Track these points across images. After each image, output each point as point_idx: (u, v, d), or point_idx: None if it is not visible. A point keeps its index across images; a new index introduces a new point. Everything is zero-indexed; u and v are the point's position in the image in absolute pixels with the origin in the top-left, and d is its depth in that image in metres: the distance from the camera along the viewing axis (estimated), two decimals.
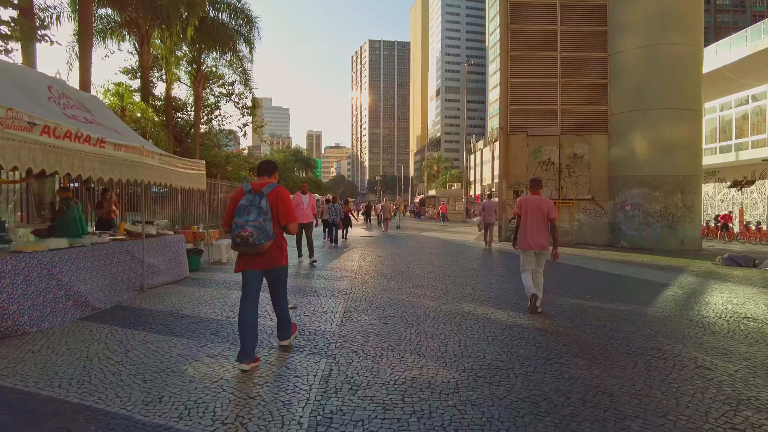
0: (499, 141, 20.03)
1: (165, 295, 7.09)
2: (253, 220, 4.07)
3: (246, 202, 4.17)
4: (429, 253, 13.78)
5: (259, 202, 4.16)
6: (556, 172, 19.64)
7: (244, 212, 4.11)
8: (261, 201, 4.17)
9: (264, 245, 4.14)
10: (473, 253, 14.58)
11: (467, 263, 11.61)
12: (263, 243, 4.12)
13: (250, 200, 4.18)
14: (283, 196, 4.36)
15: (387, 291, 7.58)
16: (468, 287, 8.09)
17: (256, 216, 4.09)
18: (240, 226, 4.07)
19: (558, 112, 19.76)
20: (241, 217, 4.10)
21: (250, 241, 4.06)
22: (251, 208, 4.12)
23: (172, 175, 8.38)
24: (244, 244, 4.09)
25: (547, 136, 19.68)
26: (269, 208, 4.19)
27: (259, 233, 4.07)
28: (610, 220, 19.26)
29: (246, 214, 4.10)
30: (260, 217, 4.09)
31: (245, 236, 4.04)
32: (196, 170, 9.78)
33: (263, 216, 4.11)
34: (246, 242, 4.07)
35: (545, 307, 6.57)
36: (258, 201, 4.16)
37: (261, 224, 4.09)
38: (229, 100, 27.69)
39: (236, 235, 4.09)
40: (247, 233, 4.04)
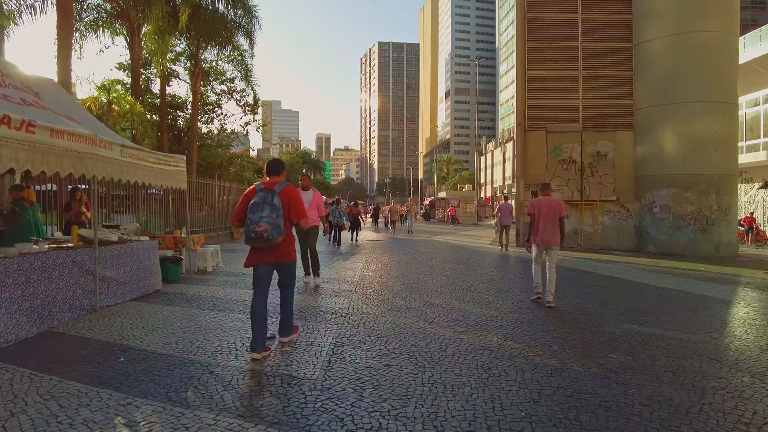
0: (515, 138, 18.61)
1: (118, 317, 5.77)
2: (266, 216, 4.28)
3: (259, 199, 4.39)
4: (441, 261, 12.37)
5: (271, 199, 4.37)
6: (577, 172, 18.18)
7: (257, 209, 4.33)
8: (273, 198, 4.38)
9: (276, 240, 4.34)
10: (490, 260, 13.17)
11: (486, 273, 10.20)
12: (276, 238, 4.32)
13: (263, 198, 4.39)
14: (293, 194, 4.56)
15: (392, 312, 6.22)
16: (492, 307, 6.66)
17: (269, 213, 4.31)
18: (254, 222, 4.28)
19: (579, 107, 18.31)
20: (255, 213, 4.31)
21: (265, 236, 4.27)
22: (264, 206, 4.33)
23: (138, 171, 7.08)
24: (258, 239, 4.31)
25: (568, 132, 18.23)
26: (281, 205, 4.39)
27: (273, 229, 4.29)
28: (637, 224, 17.76)
29: (260, 210, 4.32)
30: (273, 214, 4.31)
31: (260, 232, 4.26)
32: (174, 166, 8.48)
33: (276, 213, 4.33)
34: (260, 237, 4.28)
35: (596, 328, 5.20)
36: (270, 198, 4.37)
37: (274, 221, 4.30)
38: (230, 98, 26.47)
39: (251, 231, 4.30)
40: (262, 229, 4.26)
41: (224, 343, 4.66)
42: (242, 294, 7.37)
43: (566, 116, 18.37)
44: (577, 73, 18.28)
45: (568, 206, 18.00)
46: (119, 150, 6.53)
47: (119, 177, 6.52)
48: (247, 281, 8.70)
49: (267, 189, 4.49)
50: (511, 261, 13.00)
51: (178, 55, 24.29)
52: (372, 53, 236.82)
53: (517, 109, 18.61)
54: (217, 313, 6.02)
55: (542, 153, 18.27)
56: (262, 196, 4.43)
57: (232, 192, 22.98)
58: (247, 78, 22.81)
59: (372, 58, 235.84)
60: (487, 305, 6.75)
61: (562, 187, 18.15)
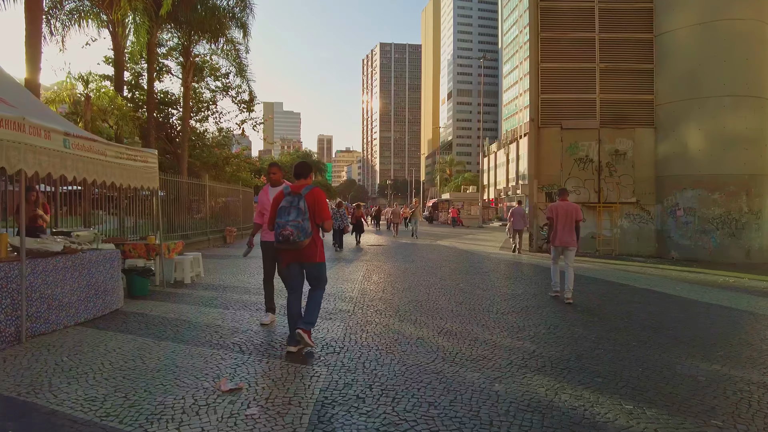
0: (529, 135, 17.34)
1: (44, 352, 4.43)
2: (293, 219, 4.43)
3: (286, 203, 4.54)
4: (452, 271, 11.05)
5: (297, 203, 4.50)
6: (594, 171, 16.90)
7: (285, 213, 4.49)
8: (300, 202, 4.50)
9: (303, 242, 4.45)
10: (506, 269, 11.88)
11: (505, 287, 8.89)
12: (302, 240, 4.44)
13: (290, 201, 4.53)
14: (318, 197, 4.66)
15: (400, 345, 4.88)
16: (525, 335, 5.31)
17: (295, 216, 4.44)
18: (282, 225, 4.43)
19: (596, 102, 17.04)
20: (283, 217, 4.47)
21: (291, 239, 4.40)
22: (291, 209, 4.48)
23: (90, 166, 5.81)
24: (285, 242, 4.44)
25: (584, 129, 16.95)
26: (306, 208, 4.49)
27: (299, 232, 4.40)
28: (658, 227, 16.48)
29: (287, 214, 4.47)
30: (299, 217, 4.44)
31: (286, 235, 4.39)
32: (142, 162, 7.20)
33: (302, 216, 4.45)
34: (287, 240, 4.41)
35: (667, 370, 3.93)
36: (297, 202, 4.50)
37: (300, 224, 4.42)
38: (225, 94, 25.17)
39: (279, 234, 4.45)
40: (288, 232, 4.38)
41: (169, 399, 3.37)
42: (216, 316, 6.09)
43: (582, 112, 17.10)
44: (594, 65, 17.01)
45: (585, 209, 16.73)
46: (61, 139, 5.26)
47: (61, 173, 5.25)
48: (226, 297, 7.43)
49: (294, 192, 4.61)
50: (528, 270, 11.71)
51: (171, 50, 23.06)
52: (374, 54, 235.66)
53: (531, 104, 17.34)
54: (176, 346, 4.74)
55: (557, 151, 16.99)
56: (289, 199, 4.56)
57: (228, 193, 21.72)
58: (241, 73, 21.60)
59: (374, 59, 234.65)
60: (518, 333, 5.43)
61: (578, 188, 16.87)
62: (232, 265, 11.59)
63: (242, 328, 5.48)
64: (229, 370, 4.02)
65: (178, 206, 16.81)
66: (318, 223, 4.67)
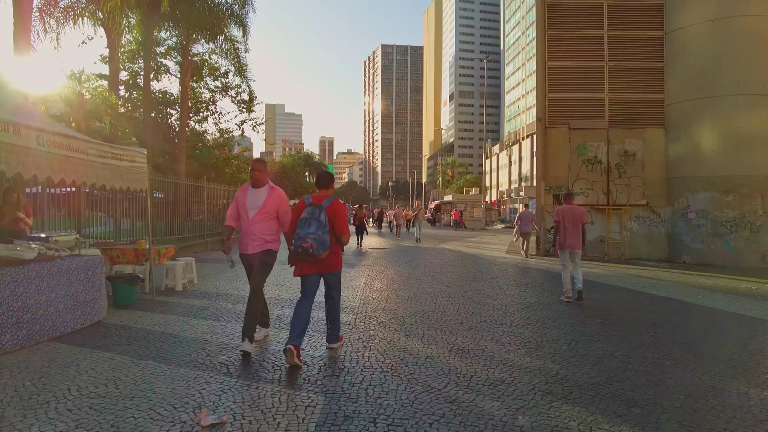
0: (536, 136, 16.85)
1: (5, 374, 3.96)
2: (313, 232, 4.40)
3: (307, 214, 4.51)
4: (458, 277, 10.53)
5: (318, 215, 4.49)
6: (603, 173, 16.38)
7: (305, 224, 4.46)
8: (320, 214, 4.49)
9: (322, 255, 4.45)
10: (514, 275, 11.37)
11: (516, 295, 8.36)
12: (321, 254, 4.44)
13: (311, 213, 4.51)
14: (339, 211, 4.67)
15: (405, 365, 4.36)
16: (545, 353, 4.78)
17: (315, 229, 4.42)
18: (302, 237, 4.41)
19: (605, 102, 16.53)
20: (303, 229, 4.44)
21: (311, 252, 4.39)
22: (312, 221, 4.46)
23: (69, 165, 5.33)
24: (304, 254, 4.44)
25: (593, 129, 16.45)
26: (327, 221, 4.49)
27: (318, 245, 4.40)
28: (669, 230, 15.96)
29: (307, 226, 4.44)
30: (319, 230, 4.42)
31: (306, 248, 4.39)
32: (129, 161, 6.72)
33: (322, 229, 4.44)
34: (306, 253, 4.41)
35: (722, 400, 3.43)
36: (318, 214, 4.49)
37: (320, 237, 4.41)
38: (225, 94, 24.72)
39: (298, 246, 4.42)
40: (308, 245, 4.37)
41: None
42: (205, 329, 5.59)
43: (591, 112, 16.60)
44: (603, 64, 16.52)
45: (594, 211, 16.27)
46: (34, 136, 4.77)
47: (33, 173, 4.76)
48: (218, 307, 6.93)
49: (315, 204, 4.58)
50: (538, 275, 11.19)
51: (170, 49, 22.64)
52: (375, 56, 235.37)
53: (537, 104, 16.84)
54: (157, 366, 4.23)
55: (565, 152, 16.49)
56: (310, 211, 4.53)
57: (227, 195, 21.23)
58: (241, 73, 21.11)
59: (375, 61, 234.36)
60: (537, 350, 4.92)
61: (586, 190, 16.36)
62: (228, 270, 11.10)
63: (232, 344, 4.98)
64: (212, 398, 3.52)
65: (175, 208, 16.33)
66: (337, 236, 4.70)
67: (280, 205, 5.00)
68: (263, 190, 4.99)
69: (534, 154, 78.12)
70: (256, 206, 4.92)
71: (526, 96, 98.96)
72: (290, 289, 8.44)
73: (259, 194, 4.97)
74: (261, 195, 4.97)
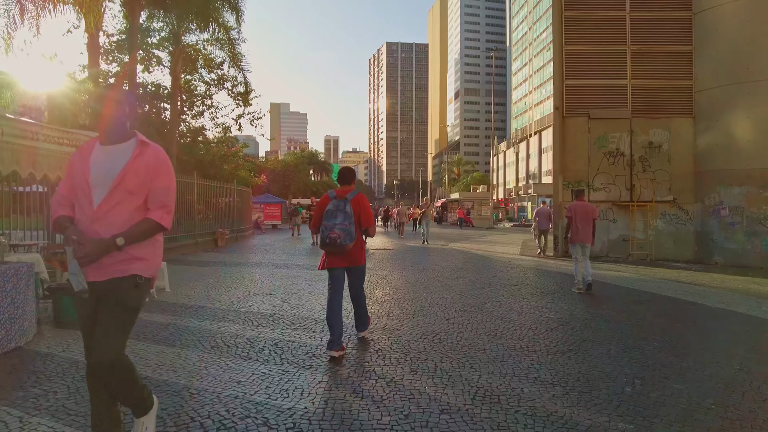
0: (553, 126, 15.52)
1: None
2: (340, 223, 4.53)
3: (333, 207, 4.64)
4: (472, 284, 9.19)
5: (344, 207, 4.62)
6: (626, 166, 15.04)
7: (332, 216, 4.59)
8: (346, 206, 4.63)
9: (348, 246, 4.56)
10: (536, 280, 10.06)
11: (545, 308, 7.00)
12: (348, 244, 4.55)
13: (336, 205, 4.64)
14: (364, 203, 4.82)
15: (411, 427, 3.02)
16: (603, 395, 3.49)
17: (342, 220, 4.55)
18: (329, 228, 4.55)
19: (628, 89, 15.18)
20: (330, 220, 4.58)
21: (338, 242, 4.51)
22: (338, 213, 4.59)
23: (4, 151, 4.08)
24: (332, 245, 4.54)
25: (615, 119, 15.11)
26: (352, 213, 4.62)
27: (345, 235, 4.52)
28: (698, 229, 14.60)
29: (334, 217, 4.57)
30: (346, 221, 4.56)
31: (334, 238, 4.51)
32: (69, 146, 5.47)
33: (348, 220, 4.57)
34: (334, 243, 4.52)
35: None
36: (343, 206, 4.62)
37: (347, 227, 4.54)
38: (221, 87, 23.48)
39: (326, 237, 4.56)
40: (336, 235, 4.51)
41: None
42: (151, 360, 4.32)
43: (612, 100, 15.26)
44: (625, 48, 15.17)
45: (616, 208, 14.97)
46: None
47: None
48: (182, 325, 5.69)
49: (339, 197, 4.72)
50: (562, 281, 9.86)
51: (163, 40, 21.45)
52: (380, 54, 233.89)
53: (555, 91, 15.49)
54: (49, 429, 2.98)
55: (584, 144, 15.16)
56: (335, 203, 4.66)
57: (222, 193, 20.03)
58: (235, 62, 19.89)
59: (380, 59, 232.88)
60: (591, 393, 3.58)
61: (608, 185, 15.04)
62: (211, 275, 9.87)
63: (176, 387, 3.71)
64: None
65: None
66: (363, 228, 4.82)
67: (157, 178, 2.56)
68: (124, 148, 2.58)
69: (542, 150, 76.61)
70: (107, 179, 2.48)
71: (533, 92, 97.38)
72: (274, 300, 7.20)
73: (116, 155, 2.55)
74: (119, 156, 2.54)
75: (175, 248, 14.83)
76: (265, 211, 33.16)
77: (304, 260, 12.98)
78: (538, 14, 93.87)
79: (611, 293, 8.46)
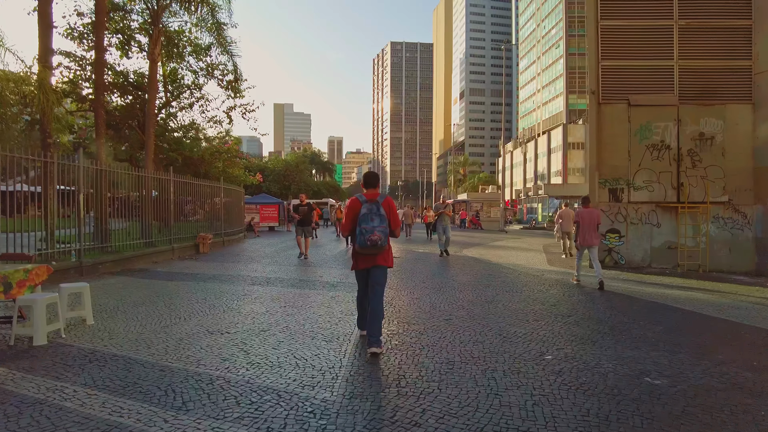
0: (588, 114, 13.30)
1: None
2: (378, 225, 4.68)
3: (367, 210, 4.75)
4: (508, 313, 6.83)
5: (378, 210, 4.76)
6: (673, 161, 12.83)
7: (368, 219, 4.69)
8: (380, 209, 4.77)
9: (385, 246, 4.77)
10: (590, 306, 7.83)
11: (637, 359, 4.85)
12: (385, 245, 4.76)
13: (370, 209, 4.75)
14: (393, 206, 4.98)
15: None
16: None
17: (379, 222, 4.71)
18: (369, 231, 4.65)
19: (675, 71, 12.98)
20: (368, 223, 4.68)
21: (379, 244, 4.68)
22: (374, 216, 4.71)
23: None
24: (373, 247, 4.68)
25: (659, 106, 12.91)
26: (386, 215, 4.77)
27: (384, 237, 4.72)
28: (758, 235, 12.38)
29: (370, 220, 4.69)
30: (383, 223, 4.73)
31: (375, 240, 4.65)
32: None
33: (385, 222, 4.75)
34: (375, 245, 4.67)
35: None
36: (377, 209, 4.76)
37: (385, 229, 4.73)
38: (210, 77, 21.28)
39: (366, 239, 4.66)
40: (377, 237, 4.65)
41: None
42: None
43: (656, 84, 13.06)
44: (672, 23, 12.96)
45: (661, 210, 12.79)
46: None
47: None
48: (64, 395, 3.51)
49: (371, 200, 4.82)
50: (624, 305, 7.64)
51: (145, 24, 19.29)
52: (384, 53, 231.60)
53: (590, 73, 13.26)
54: None
55: (623, 135, 12.95)
56: (368, 206, 4.76)
57: (207, 192, 17.87)
58: (223, 46, 17.75)
59: (384, 59, 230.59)
60: None
61: (651, 183, 12.83)
62: (165, 297, 7.67)
63: None
64: None
65: (140, 206, 13.05)
66: (392, 229, 4.93)
67: None
68: None
69: (551, 150, 74.25)
70: None
71: (541, 90, 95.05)
72: (227, 345, 5.01)
73: None
74: None
75: (148, 256, 12.68)
76: (261, 212, 30.98)
77: (291, 273, 10.78)
78: (547, 11, 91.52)
79: (715, 329, 6.25)
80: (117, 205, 12.57)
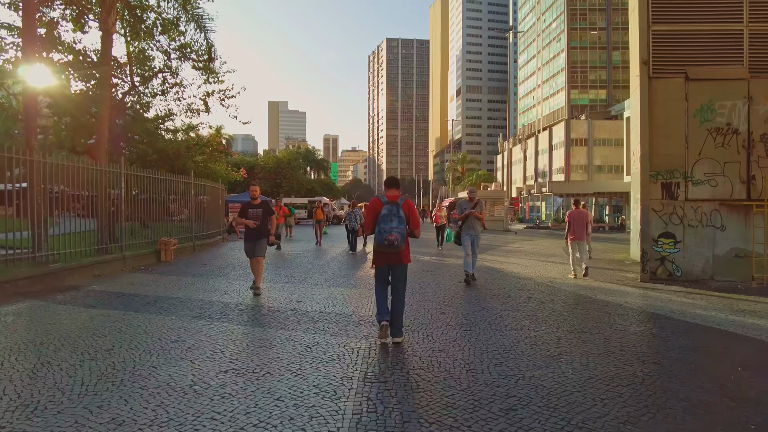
0: (638, 90, 10.68)
1: None
2: (396, 226, 4.96)
3: (387, 211, 5.03)
4: (586, 383, 4.45)
5: (397, 211, 5.04)
6: (741, 149, 10.33)
7: (388, 220, 4.98)
8: (399, 211, 5.05)
9: (402, 246, 5.02)
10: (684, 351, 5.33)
11: None
12: (402, 245, 5.01)
13: (390, 210, 5.04)
14: (412, 207, 5.25)
15: None
16: None
17: (398, 224, 4.98)
18: (387, 231, 4.94)
19: (744, 36, 10.48)
20: (387, 224, 4.97)
21: (396, 244, 4.94)
22: (393, 217, 4.99)
23: None
24: (390, 246, 4.96)
25: (725, 80, 10.42)
26: (404, 216, 5.05)
27: (401, 238, 4.97)
28: None
29: (389, 221, 4.97)
30: (402, 225, 5.00)
31: (392, 240, 4.92)
32: None
33: (403, 223, 5.02)
34: (392, 245, 4.94)
35: None
36: (397, 211, 5.04)
37: (402, 230, 4.99)
38: (185, 58, 18.54)
39: (384, 239, 4.93)
40: (394, 237, 4.92)
41: None
42: None
43: (721, 53, 10.55)
44: None
45: (726, 209, 10.27)
46: None
47: None
48: None
49: (392, 202, 5.11)
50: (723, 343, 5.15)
51: None
52: (380, 50, 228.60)
53: (640, 40, 10.67)
54: None
55: (679, 116, 10.42)
56: (389, 208, 5.05)
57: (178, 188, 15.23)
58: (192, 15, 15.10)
59: (380, 56, 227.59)
60: None
61: (714, 176, 10.33)
62: (57, 338, 5.10)
63: None
64: None
65: (86, 205, 10.46)
66: (411, 229, 5.19)
67: None
68: None
69: (553, 147, 71.70)
70: None
71: (542, 86, 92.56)
72: None
73: None
74: None
75: (89, 268, 10.08)
76: None
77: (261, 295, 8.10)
78: (547, 4, 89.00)
79: None
80: (67, 204, 10.17)
